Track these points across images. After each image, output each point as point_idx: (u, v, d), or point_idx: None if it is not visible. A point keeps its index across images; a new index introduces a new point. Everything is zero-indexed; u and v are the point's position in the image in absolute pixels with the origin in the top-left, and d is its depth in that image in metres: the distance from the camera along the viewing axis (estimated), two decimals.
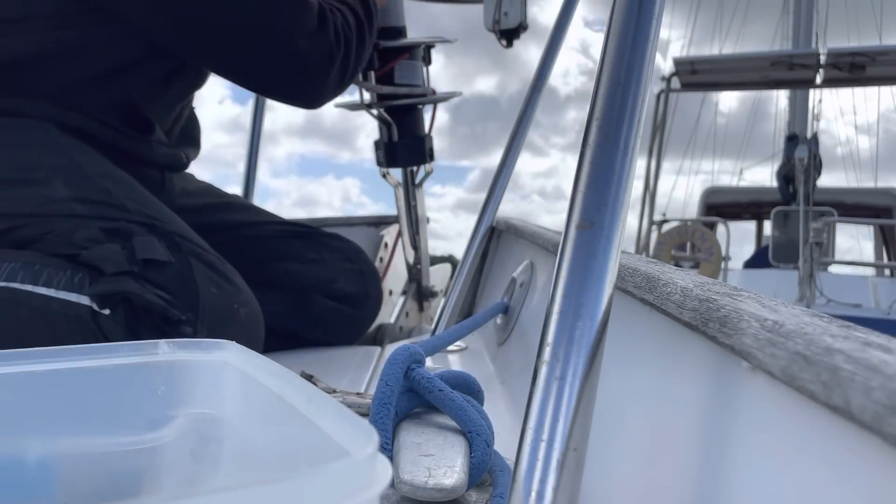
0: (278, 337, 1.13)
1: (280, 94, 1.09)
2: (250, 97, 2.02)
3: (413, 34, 1.34)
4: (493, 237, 1.36)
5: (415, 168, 1.47)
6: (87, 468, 0.42)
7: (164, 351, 0.44)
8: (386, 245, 1.68)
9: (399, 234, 1.58)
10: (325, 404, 0.32)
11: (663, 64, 7.52)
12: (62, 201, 0.93)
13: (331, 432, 0.29)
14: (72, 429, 0.42)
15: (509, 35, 1.36)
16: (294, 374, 0.37)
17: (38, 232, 0.92)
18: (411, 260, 1.55)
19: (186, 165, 1.20)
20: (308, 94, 1.08)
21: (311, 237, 1.27)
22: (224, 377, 0.43)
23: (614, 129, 0.40)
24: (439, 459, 0.53)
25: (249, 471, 0.40)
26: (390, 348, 1.19)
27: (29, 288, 0.86)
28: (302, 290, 1.21)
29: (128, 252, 0.89)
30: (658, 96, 7.19)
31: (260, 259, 1.20)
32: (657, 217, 7.32)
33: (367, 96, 1.34)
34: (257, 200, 1.95)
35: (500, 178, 1.34)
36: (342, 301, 1.23)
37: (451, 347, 1.10)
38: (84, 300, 0.87)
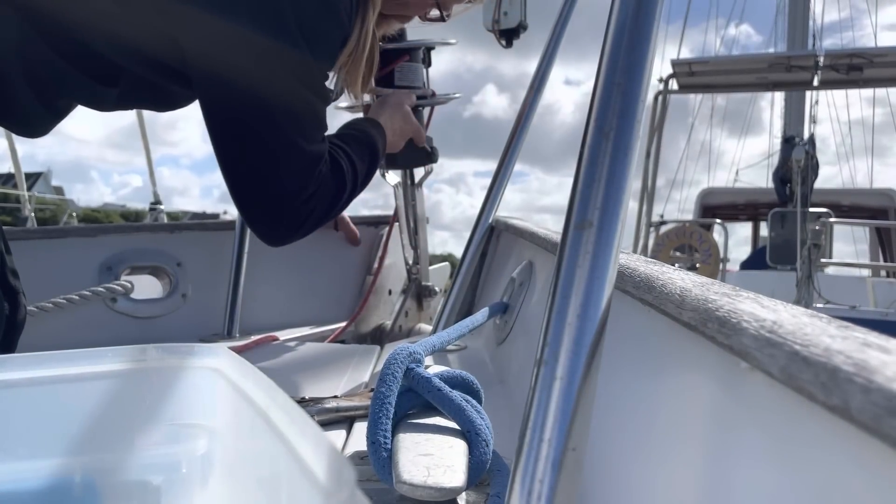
0: None
1: (245, 214, 1.03)
2: None
3: (413, 35, 1.34)
4: (493, 237, 1.36)
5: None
6: (81, 484, 0.41)
7: (153, 357, 0.43)
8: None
9: (390, 231, 1.59)
10: (305, 429, 0.31)
11: (660, 66, 7.52)
12: None
13: (312, 464, 0.28)
14: (60, 442, 0.41)
15: (509, 35, 1.36)
16: (279, 389, 0.36)
17: None
18: (410, 260, 1.55)
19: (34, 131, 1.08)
20: (267, 232, 1.03)
21: None
22: (215, 388, 0.42)
23: (614, 129, 0.40)
24: (438, 459, 0.53)
25: (236, 489, 0.39)
26: (390, 348, 1.19)
27: None
28: None
29: None
30: (655, 98, 7.20)
31: None
32: (655, 219, 7.33)
33: (366, 98, 1.34)
34: None
35: (499, 178, 1.34)
36: None
37: (450, 347, 1.10)
38: None
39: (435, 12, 1.12)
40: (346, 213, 1.62)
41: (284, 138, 0.94)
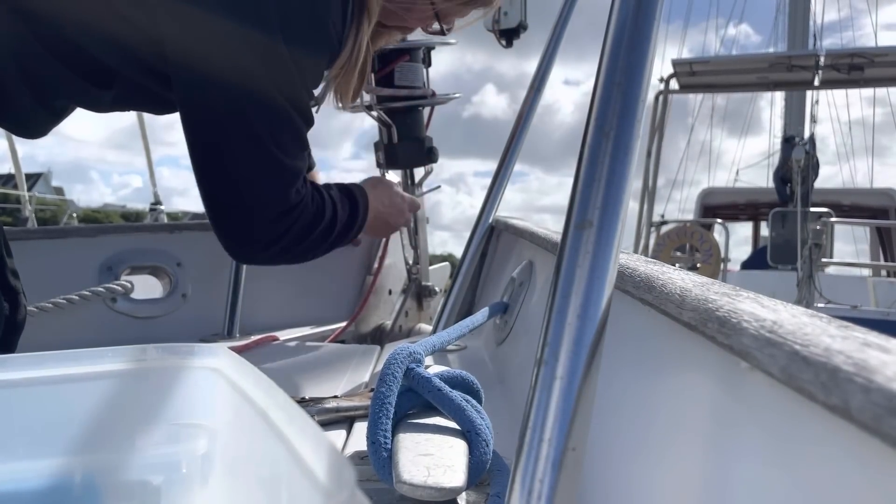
0: None
1: (212, 217, 1.02)
2: None
3: (413, 35, 1.34)
4: (493, 237, 1.36)
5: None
6: (81, 483, 0.41)
7: (153, 357, 0.43)
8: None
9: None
10: (305, 429, 0.31)
11: (660, 66, 7.53)
12: None
13: (312, 464, 0.28)
14: (60, 442, 0.41)
15: (509, 35, 1.36)
16: (279, 389, 0.36)
17: None
18: (410, 260, 1.55)
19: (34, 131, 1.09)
20: (234, 243, 1.02)
21: None
22: (215, 388, 0.42)
23: (614, 129, 0.40)
24: (438, 459, 0.53)
25: (237, 489, 0.39)
26: (390, 348, 1.19)
27: None
28: None
29: None
30: (656, 98, 7.20)
31: None
32: (655, 219, 7.34)
33: (367, 98, 1.34)
34: None
35: (499, 178, 1.34)
36: None
37: (450, 347, 1.10)
38: None
39: (437, 25, 1.12)
40: None
41: (261, 146, 0.93)
